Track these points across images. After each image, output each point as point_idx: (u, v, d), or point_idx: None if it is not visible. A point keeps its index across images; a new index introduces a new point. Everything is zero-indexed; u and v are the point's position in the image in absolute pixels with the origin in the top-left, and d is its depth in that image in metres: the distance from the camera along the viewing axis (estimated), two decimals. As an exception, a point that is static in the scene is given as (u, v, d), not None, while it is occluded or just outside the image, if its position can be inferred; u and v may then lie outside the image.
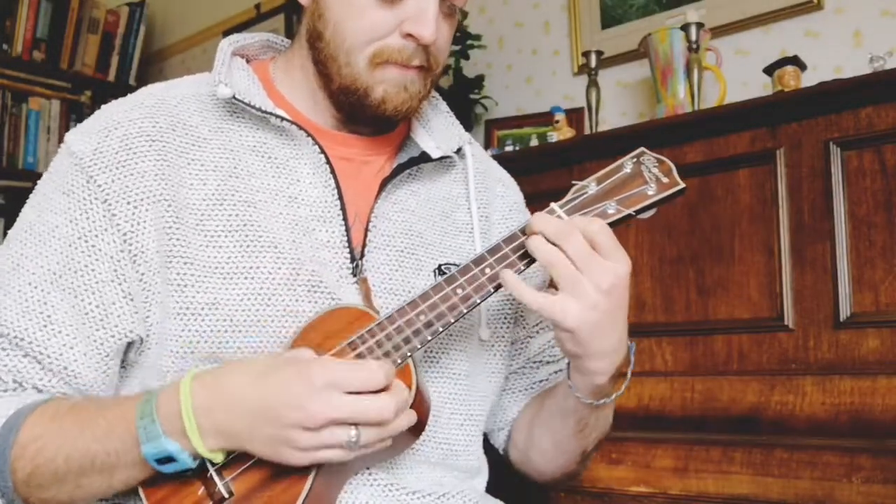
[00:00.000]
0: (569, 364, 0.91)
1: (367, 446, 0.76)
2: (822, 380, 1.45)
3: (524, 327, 1.07)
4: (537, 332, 1.08)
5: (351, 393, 0.74)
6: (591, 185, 0.89)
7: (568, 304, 0.80)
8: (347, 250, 0.91)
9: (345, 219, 0.92)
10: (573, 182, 0.89)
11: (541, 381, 1.08)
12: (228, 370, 0.80)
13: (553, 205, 0.87)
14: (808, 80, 1.77)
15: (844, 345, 1.47)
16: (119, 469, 0.79)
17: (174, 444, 0.76)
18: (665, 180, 0.88)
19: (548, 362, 1.08)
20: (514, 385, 1.08)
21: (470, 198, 1.03)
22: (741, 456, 1.40)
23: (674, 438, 1.50)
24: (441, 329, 0.83)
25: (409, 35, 0.89)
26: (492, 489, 1.05)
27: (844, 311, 1.49)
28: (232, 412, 0.76)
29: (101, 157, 0.87)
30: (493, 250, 0.86)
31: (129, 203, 0.85)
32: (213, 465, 0.79)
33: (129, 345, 0.88)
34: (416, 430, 0.83)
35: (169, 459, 0.76)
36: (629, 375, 0.91)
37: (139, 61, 3.53)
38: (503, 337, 1.03)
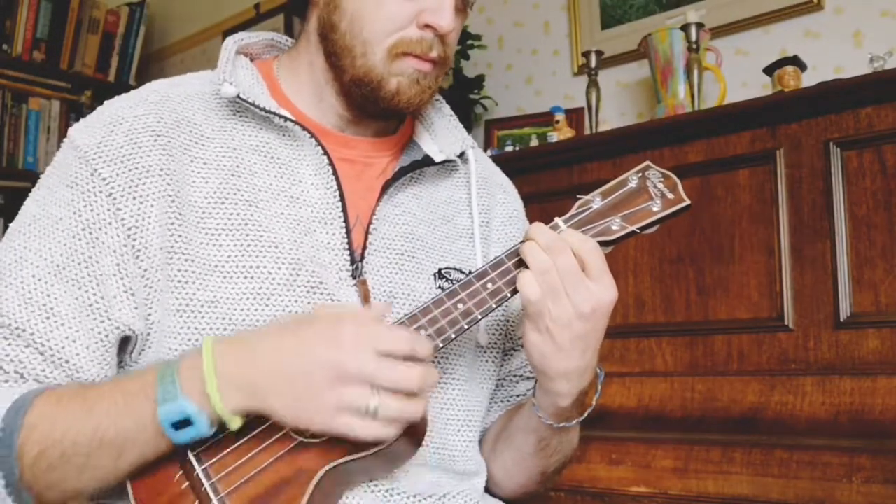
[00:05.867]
0: (536, 383, 0.91)
1: (386, 419, 0.74)
2: (822, 380, 1.45)
3: (511, 339, 1.06)
4: (521, 347, 1.07)
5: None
6: (595, 200, 0.87)
7: (545, 309, 0.82)
8: (347, 252, 0.91)
9: (346, 221, 0.91)
10: (577, 196, 0.88)
11: (518, 396, 1.08)
12: (251, 332, 0.80)
13: (557, 220, 0.87)
14: (808, 80, 1.77)
15: (844, 345, 1.47)
16: (129, 446, 0.77)
17: (193, 404, 0.74)
18: (671, 196, 0.87)
19: (527, 378, 1.08)
20: (493, 395, 1.08)
21: (472, 203, 1.02)
22: (741, 456, 1.41)
23: (674, 438, 1.50)
24: (441, 345, 0.83)
25: (427, 26, 0.89)
26: (487, 489, 1.05)
27: (844, 311, 1.49)
28: (256, 365, 0.75)
29: (105, 150, 0.86)
30: (495, 265, 0.85)
31: (134, 198, 0.85)
32: (221, 436, 0.77)
33: (126, 342, 0.87)
34: (415, 442, 0.82)
35: (186, 423, 0.75)
36: (594, 403, 0.91)
37: (139, 61, 3.53)
38: (497, 344, 1.03)
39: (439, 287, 0.96)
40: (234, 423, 0.76)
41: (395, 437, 0.77)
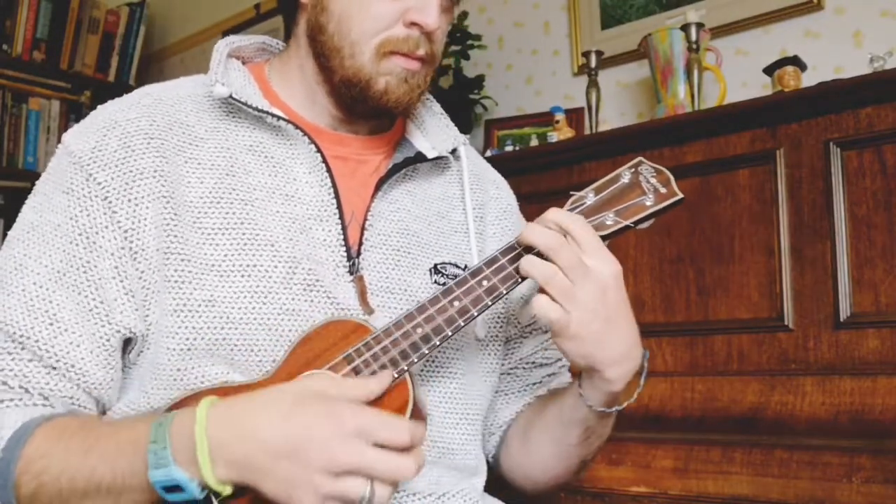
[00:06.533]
0: (580, 375, 0.91)
1: None
2: (822, 380, 1.45)
3: (516, 326, 1.07)
4: (530, 333, 1.08)
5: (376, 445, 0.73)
6: (589, 196, 0.88)
7: (564, 316, 0.82)
8: (344, 248, 0.91)
9: (341, 217, 0.92)
10: (571, 192, 0.89)
11: (534, 384, 1.08)
12: (249, 400, 0.77)
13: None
14: (808, 80, 1.77)
15: (844, 345, 1.47)
16: (125, 493, 0.76)
17: (183, 473, 0.73)
18: (663, 191, 0.88)
19: (541, 364, 1.08)
20: (506, 387, 1.08)
21: (465, 198, 1.04)
22: (741, 456, 1.40)
23: (674, 438, 1.50)
24: (438, 343, 0.83)
25: (413, 24, 0.91)
26: (492, 489, 1.05)
27: (844, 311, 1.48)
28: (250, 444, 0.73)
29: (99, 155, 0.87)
30: (489, 262, 0.86)
31: (129, 201, 0.86)
32: (218, 497, 0.76)
33: (127, 343, 0.87)
34: None
35: (177, 488, 0.74)
36: (642, 383, 0.90)
37: (139, 61, 3.53)
38: (497, 336, 1.04)
39: (435, 282, 0.97)
40: (225, 491, 0.75)
41: None
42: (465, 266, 1.00)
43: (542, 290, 0.83)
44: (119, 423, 0.84)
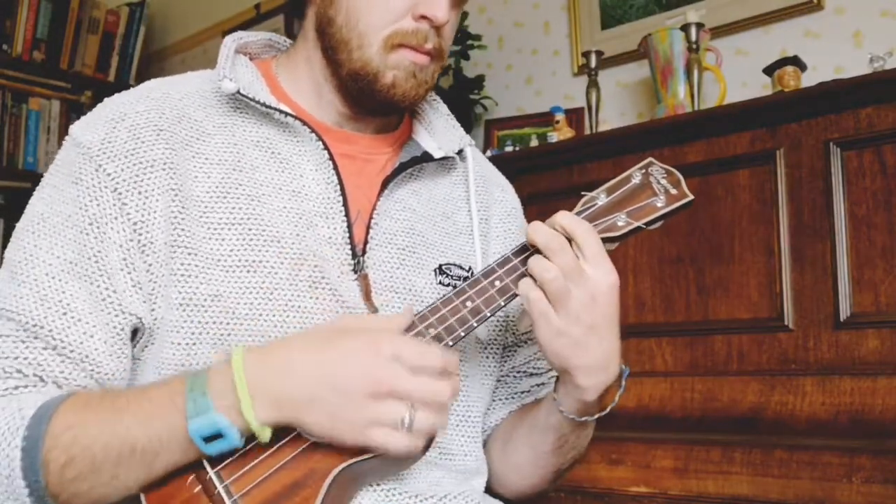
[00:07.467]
0: (557, 378, 0.91)
1: (419, 432, 0.75)
2: (822, 380, 1.45)
3: (514, 334, 1.07)
4: (525, 342, 1.07)
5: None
6: (600, 197, 0.88)
7: (552, 315, 0.82)
8: (349, 246, 0.91)
9: (347, 215, 0.92)
10: (582, 193, 0.89)
11: (523, 392, 1.08)
12: (283, 342, 0.80)
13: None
14: (808, 80, 1.77)
15: (844, 345, 1.47)
16: (161, 455, 0.76)
17: (224, 418, 0.74)
18: (674, 192, 0.88)
19: (531, 374, 1.08)
20: (496, 393, 1.07)
21: (470, 200, 1.03)
22: (741, 456, 1.41)
23: (674, 438, 1.50)
24: (451, 343, 0.83)
25: (423, 17, 0.90)
26: (492, 489, 1.05)
27: (844, 311, 1.49)
28: (290, 380, 0.75)
29: (109, 146, 0.87)
30: (502, 262, 0.86)
31: (139, 193, 0.85)
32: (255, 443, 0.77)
33: (133, 336, 0.87)
34: (426, 442, 0.82)
35: (217, 436, 0.74)
36: (616, 398, 0.91)
37: (139, 61, 3.53)
38: (497, 340, 1.04)
39: (440, 283, 0.96)
40: (265, 436, 0.76)
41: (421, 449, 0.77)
42: (469, 268, 1.00)
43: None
44: (148, 384, 0.84)
